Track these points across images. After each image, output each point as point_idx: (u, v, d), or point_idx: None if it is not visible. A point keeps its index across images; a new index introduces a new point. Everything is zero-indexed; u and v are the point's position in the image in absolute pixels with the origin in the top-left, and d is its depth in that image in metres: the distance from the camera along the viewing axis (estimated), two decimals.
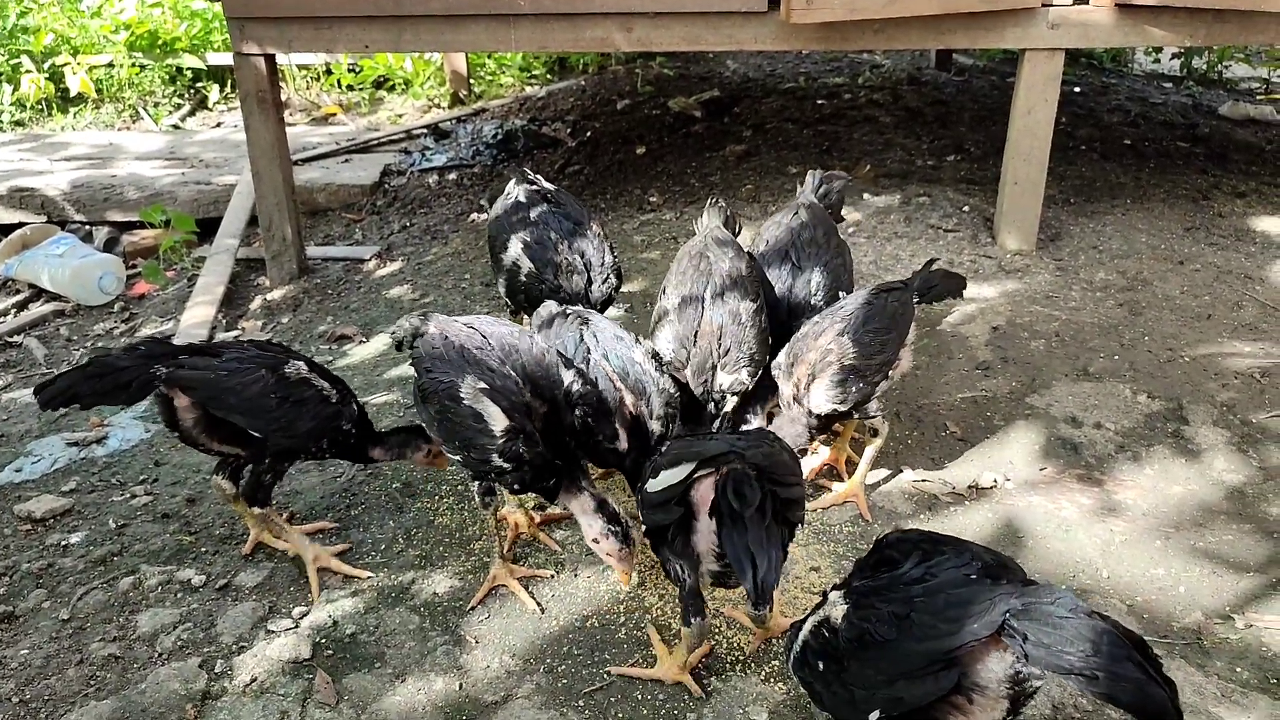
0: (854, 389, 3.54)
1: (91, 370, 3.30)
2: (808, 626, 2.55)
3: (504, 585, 3.42)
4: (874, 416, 3.71)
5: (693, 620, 2.90)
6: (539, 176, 4.47)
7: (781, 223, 4.15)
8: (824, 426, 3.71)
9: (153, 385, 3.31)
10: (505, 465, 3.09)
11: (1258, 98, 9.05)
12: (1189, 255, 5.62)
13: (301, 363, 3.52)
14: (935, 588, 2.27)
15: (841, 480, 3.93)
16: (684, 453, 2.66)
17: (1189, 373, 4.53)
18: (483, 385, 3.08)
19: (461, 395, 3.07)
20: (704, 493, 2.63)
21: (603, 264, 4.09)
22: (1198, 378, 4.49)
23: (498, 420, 3.05)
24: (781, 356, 3.70)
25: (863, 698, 2.34)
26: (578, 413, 3.23)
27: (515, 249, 4.10)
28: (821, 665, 2.45)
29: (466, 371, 3.12)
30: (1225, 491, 3.83)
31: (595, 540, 3.17)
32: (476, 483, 3.35)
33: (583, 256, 4.07)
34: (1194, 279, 5.37)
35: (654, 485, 2.69)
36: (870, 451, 3.79)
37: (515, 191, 4.34)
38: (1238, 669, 3.05)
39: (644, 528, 2.87)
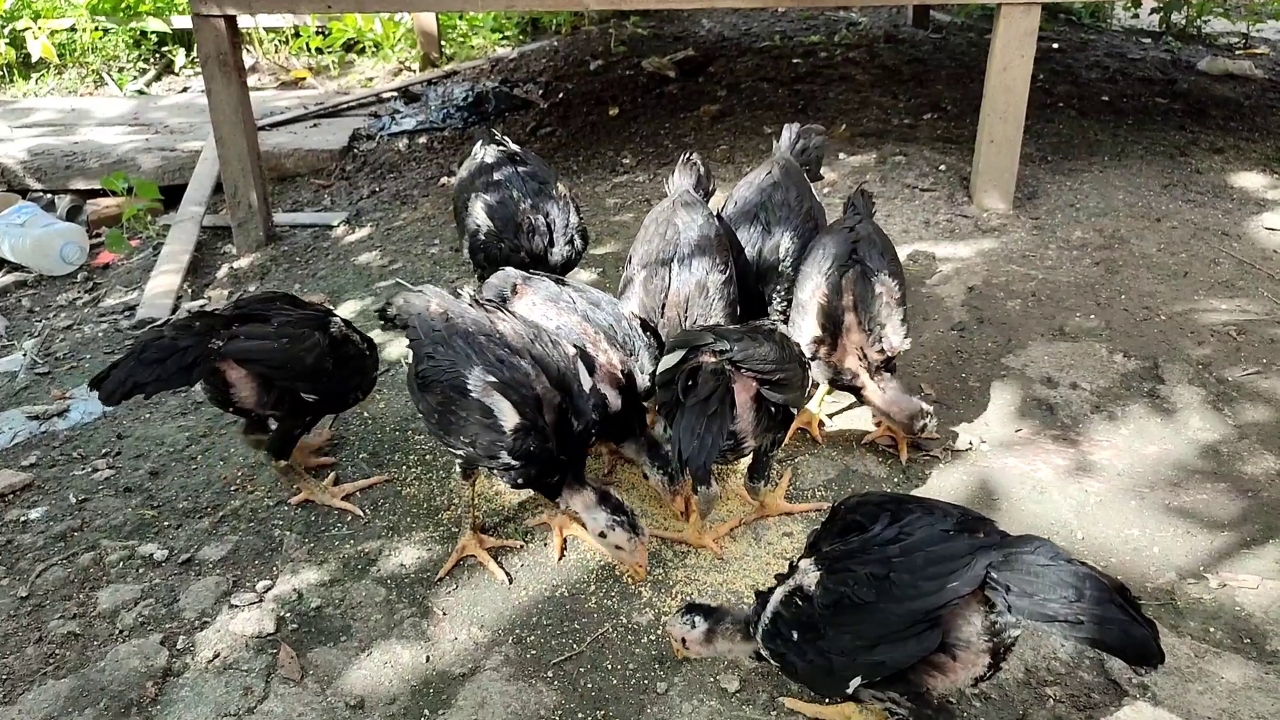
0: (907, 321, 3.60)
1: (150, 355, 3.14)
2: (777, 597, 2.51)
3: (473, 556, 3.36)
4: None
5: (699, 489, 3.09)
6: (506, 138, 4.39)
7: (754, 182, 4.08)
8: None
9: (213, 361, 3.23)
10: (514, 463, 2.97)
11: (1236, 53, 8.98)
12: (1166, 212, 5.57)
13: (337, 317, 3.58)
14: (912, 546, 2.24)
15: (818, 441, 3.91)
16: (680, 340, 3.08)
17: (1165, 331, 4.49)
18: (492, 378, 2.93)
19: (469, 388, 2.94)
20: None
21: (566, 225, 4.02)
22: (1174, 336, 4.45)
23: (509, 416, 2.93)
24: (815, 329, 3.55)
25: (842, 665, 2.30)
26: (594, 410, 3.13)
27: (476, 209, 4.04)
28: (795, 635, 2.40)
29: (474, 361, 2.97)
30: (1200, 450, 3.80)
31: (602, 534, 3.07)
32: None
33: (546, 217, 4.00)
34: (1171, 236, 5.32)
35: (659, 368, 3.07)
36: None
37: (481, 153, 4.27)
38: (1211, 629, 3.03)
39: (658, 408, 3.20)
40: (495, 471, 3.09)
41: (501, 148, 4.27)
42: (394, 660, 3.02)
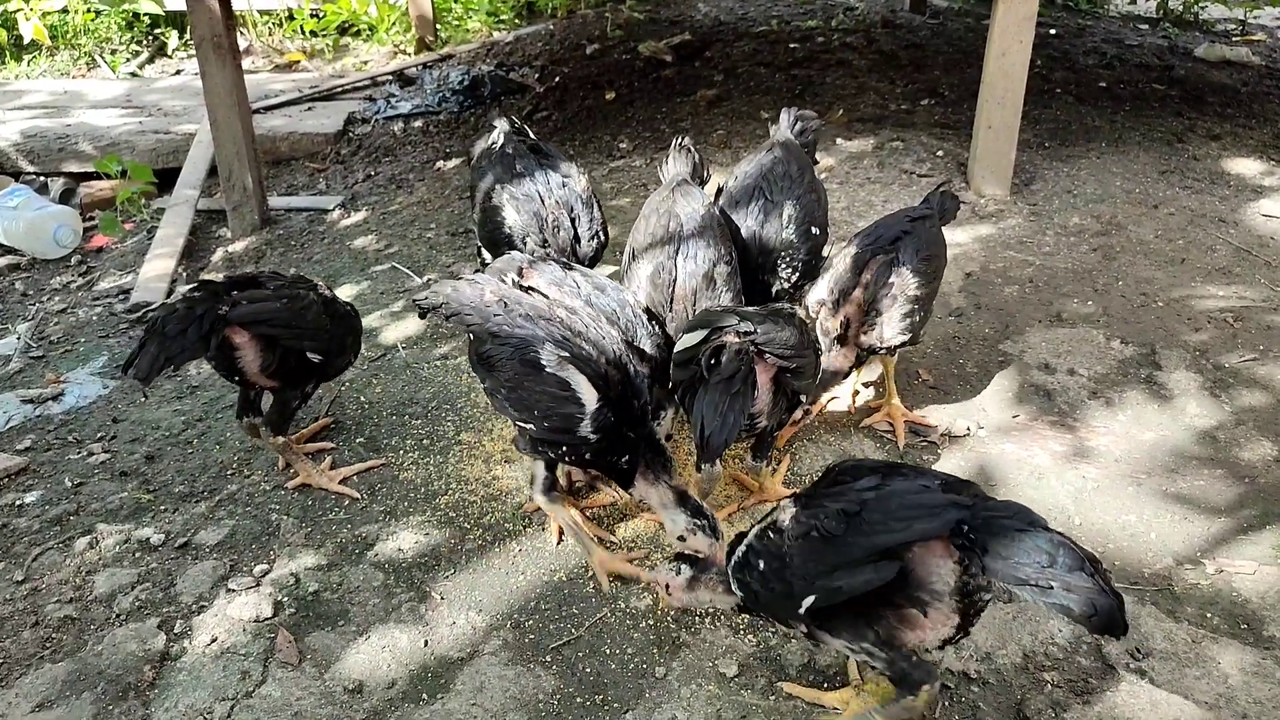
0: (917, 318, 3.58)
1: (173, 328, 3.17)
2: (753, 533, 2.58)
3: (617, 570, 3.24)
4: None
5: (703, 466, 3.11)
6: (525, 125, 4.38)
7: (755, 159, 4.07)
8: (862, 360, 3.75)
9: (222, 325, 3.27)
10: (592, 436, 2.97)
11: (1234, 39, 8.97)
12: (1163, 199, 5.57)
13: (318, 280, 3.69)
14: (889, 493, 2.32)
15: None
16: (701, 320, 3.12)
17: (1162, 317, 4.50)
18: (565, 353, 2.95)
19: (543, 362, 2.95)
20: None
21: (591, 221, 4.01)
22: (1171, 322, 4.45)
23: (586, 389, 2.94)
24: (824, 293, 3.65)
25: (801, 588, 2.37)
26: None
27: (504, 204, 4.01)
28: (763, 564, 2.49)
29: (543, 337, 2.99)
30: (1197, 436, 3.81)
31: (681, 537, 3.01)
32: (538, 470, 3.23)
33: (571, 213, 3.98)
34: (1168, 223, 5.32)
35: (678, 346, 3.07)
36: (890, 369, 3.86)
37: (501, 140, 4.24)
38: (1208, 614, 3.04)
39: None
40: (565, 449, 3.06)
41: (523, 138, 4.26)
42: (392, 644, 3.01)
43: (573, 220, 3.99)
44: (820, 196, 4.00)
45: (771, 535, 2.49)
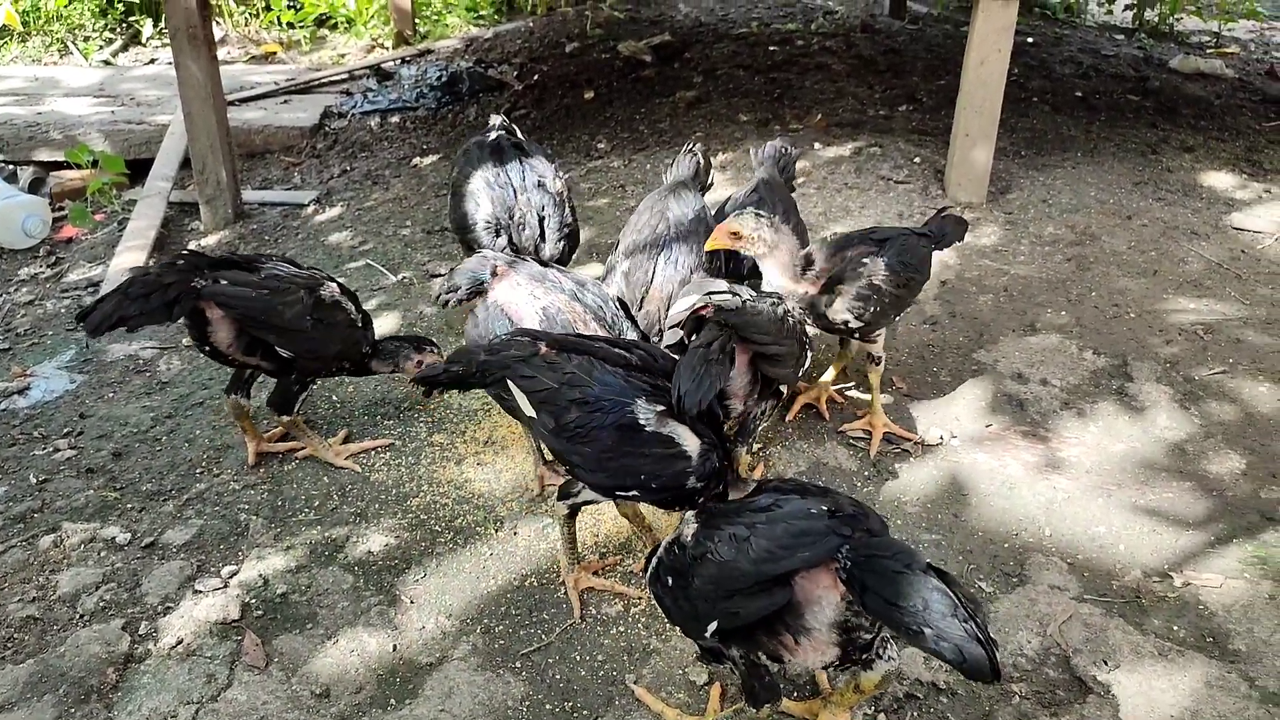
0: (872, 309, 3.56)
1: (135, 290, 3.24)
2: (664, 544, 2.60)
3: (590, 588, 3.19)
4: (874, 343, 3.78)
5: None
6: (515, 125, 4.38)
7: (736, 199, 4.08)
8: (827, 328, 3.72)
9: (194, 299, 3.31)
10: (699, 485, 2.78)
11: (1208, 51, 9.06)
12: (1137, 210, 5.61)
13: (335, 284, 3.61)
14: (778, 517, 2.35)
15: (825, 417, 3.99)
16: (695, 286, 3.22)
17: (1134, 329, 4.53)
18: (659, 406, 2.74)
19: (641, 422, 2.71)
20: None
21: (561, 223, 4.00)
22: (1143, 334, 4.49)
23: (689, 439, 2.75)
24: (801, 256, 3.61)
25: (704, 610, 2.41)
26: None
27: (476, 194, 4.02)
28: (670, 581, 2.51)
29: (631, 392, 2.75)
30: (1166, 448, 3.83)
31: None
32: (563, 505, 3.04)
33: (540, 211, 3.98)
34: (1141, 234, 5.36)
35: (673, 309, 3.14)
36: (875, 380, 3.85)
37: (488, 137, 4.24)
38: (1174, 627, 3.06)
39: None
40: (670, 502, 2.87)
41: (509, 135, 4.26)
42: (360, 648, 2.99)
43: (541, 220, 3.98)
44: (804, 237, 4.02)
45: (677, 551, 2.51)
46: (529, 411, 2.79)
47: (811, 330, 3.58)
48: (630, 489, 2.80)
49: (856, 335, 3.75)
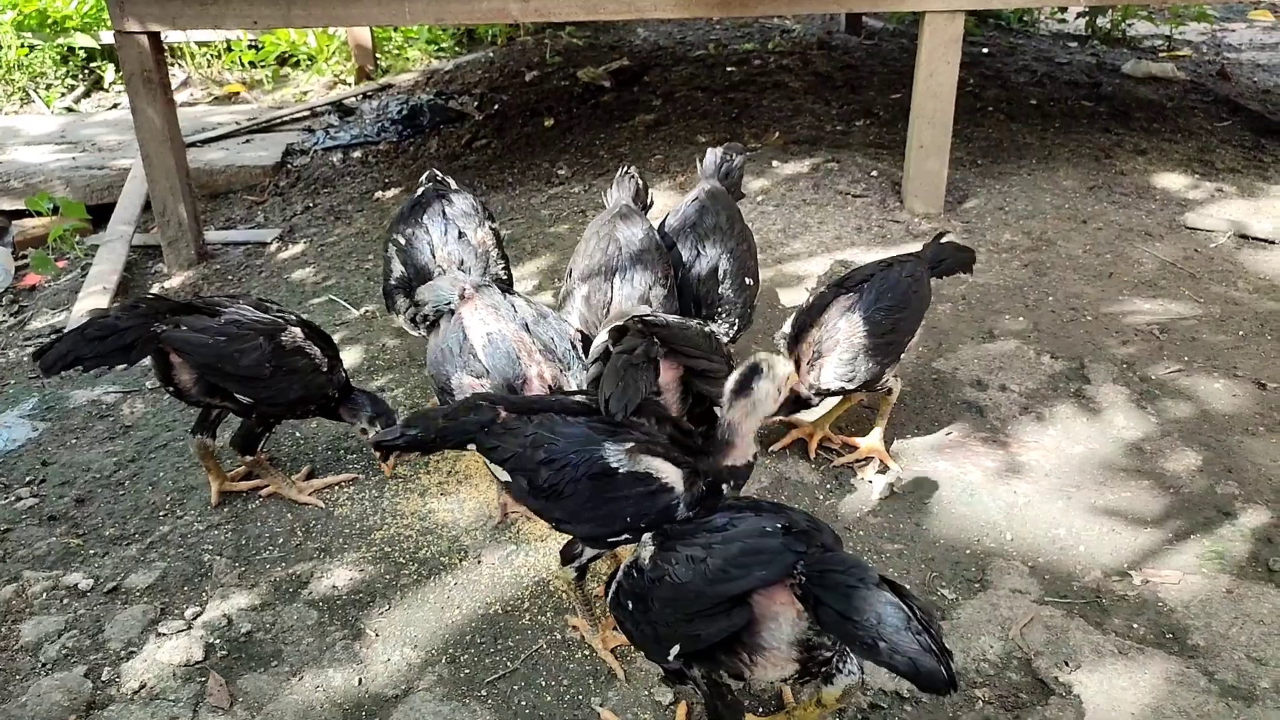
0: (863, 368, 3.55)
1: (92, 332, 3.28)
2: (623, 567, 2.61)
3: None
4: (883, 384, 3.73)
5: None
6: (449, 179, 4.35)
7: (680, 211, 4.08)
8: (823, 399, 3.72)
9: (153, 344, 3.35)
10: (693, 514, 2.69)
11: (1160, 55, 9.18)
12: (1092, 214, 5.68)
13: (298, 329, 3.59)
14: (733, 537, 2.36)
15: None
16: (618, 314, 3.24)
17: (1091, 331, 4.58)
18: (627, 443, 2.68)
19: (613, 465, 2.66)
20: None
21: (484, 274, 3.92)
22: (1099, 336, 4.54)
23: (669, 471, 2.68)
24: (787, 327, 3.70)
25: (666, 634, 2.43)
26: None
27: (391, 253, 4.07)
28: (630, 605, 2.52)
29: (595, 436, 2.69)
30: (1124, 448, 3.87)
31: None
32: (570, 569, 2.96)
33: (460, 266, 3.93)
34: (1096, 238, 5.42)
35: (597, 339, 3.05)
36: (886, 409, 3.83)
37: (418, 192, 4.24)
38: (1134, 625, 3.09)
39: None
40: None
41: (438, 185, 4.25)
42: (326, 684, 2.98)
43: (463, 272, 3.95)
44: (750, 245, 4.03)
45: (635, 574, 2.51)
46: (503, 477, 2.78)
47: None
48: (621, 533, 2.73)
49: (864, 390, 3.69)
